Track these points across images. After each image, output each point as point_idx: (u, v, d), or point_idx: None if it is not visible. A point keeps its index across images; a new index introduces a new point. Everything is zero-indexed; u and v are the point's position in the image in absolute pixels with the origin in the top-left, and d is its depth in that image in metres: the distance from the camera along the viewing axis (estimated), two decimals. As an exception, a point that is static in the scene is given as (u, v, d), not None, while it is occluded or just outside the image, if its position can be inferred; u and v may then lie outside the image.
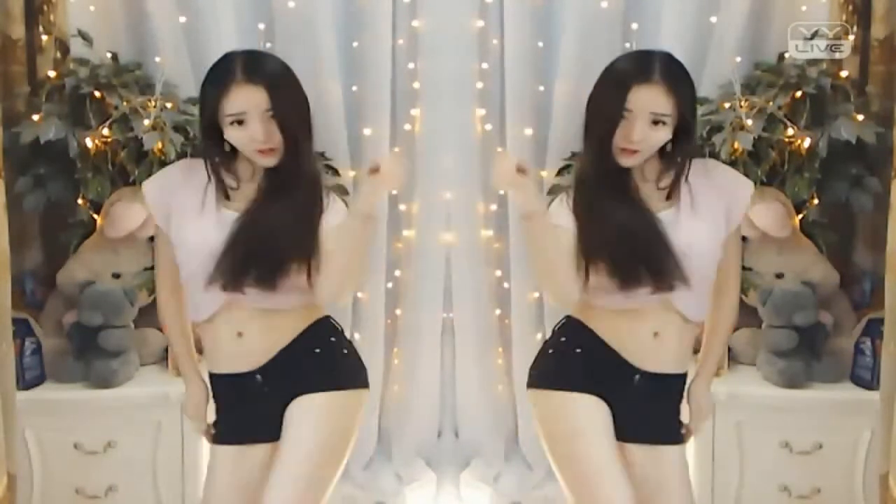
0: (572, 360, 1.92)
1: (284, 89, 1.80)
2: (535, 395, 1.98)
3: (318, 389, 1.87)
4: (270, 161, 1.81)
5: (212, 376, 1.95)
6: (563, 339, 1.97)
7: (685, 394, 1.98)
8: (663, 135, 1.80)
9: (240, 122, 1.77)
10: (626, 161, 1.82)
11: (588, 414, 1.88)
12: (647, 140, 1.79)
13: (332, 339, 1.94)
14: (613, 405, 1.89)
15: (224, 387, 1.93)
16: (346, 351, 1.96)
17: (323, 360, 1.90)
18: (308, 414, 1.86)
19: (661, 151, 1.86)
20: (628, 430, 1.89)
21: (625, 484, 1.82)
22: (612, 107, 1.80)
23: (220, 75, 1.80)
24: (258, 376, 1.88)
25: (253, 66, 1.79)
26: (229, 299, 1.85)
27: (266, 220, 1.81)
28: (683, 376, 1.96)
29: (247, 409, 1.90)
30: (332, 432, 1.86)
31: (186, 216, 1.85)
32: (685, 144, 1.84)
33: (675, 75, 1.82)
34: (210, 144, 1.84)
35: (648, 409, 1.90)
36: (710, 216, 1.86)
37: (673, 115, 1.79)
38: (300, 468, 1.81)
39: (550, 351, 1.99)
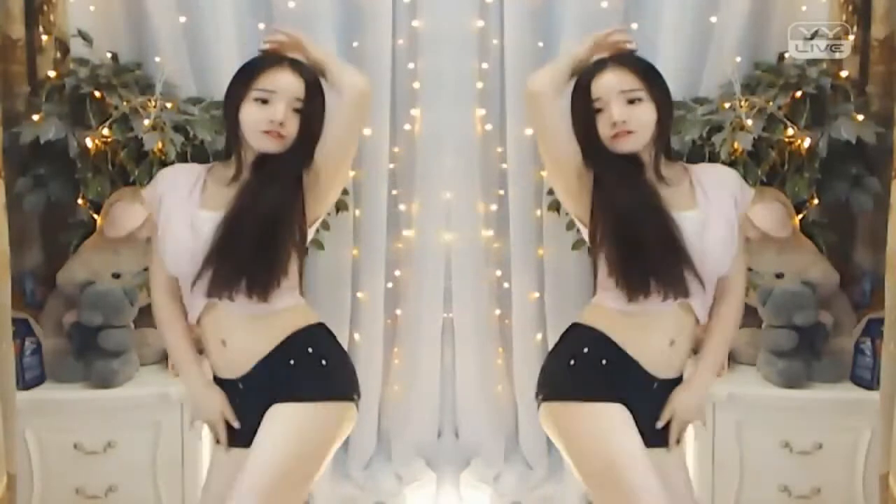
0: (598, 371, 1.87)
1: (318, 94, 1.88)
2: (556, 408, 1.90)
3: (291, 399, 1.84)
4: (273, 146, 1.83)
5: (213, 378, 1.95)
6: (585, 349, 1.90)
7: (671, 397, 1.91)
8: (647, 110, 1.83)
9: (264, 102, 1.82)
10: (623, 145, 1.83)
11: (621, 419, 1.83)
12: (634, 118, 1.82)
13: (310, 349, 1.89)
14: (633, 412, 1.86)
15: (223, 390, 1.93)
16: (324, 362, 1.89)
17: (298, 372, 1.86)
18: (275, 424, 1.82)
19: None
20: (644, 436, 1.86)
21: (656, 477, 1.77)
22: (583, 102, 1.86)
23: (268, 58, 1.89)
24: (240, 385, 1.89)
25: (300, 63, 1.89)
26: (210, 303, 1.85)
27: (254, 221, 1.81)
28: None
29: (239, 415, 1.90)
30: (301, 443, 1.81)
31: (173, 215, 1.86)
32: (663, 122, 1.87)
33: (627, 57, 1.89)
34: (233, 124, 1.87)
35: (657, 415, 1.90)
36: (724, 216, 1.87)
37: (646, 90, 1.83)
38: (259, 478, 1.75)
39: (572, 362, 1.90)
